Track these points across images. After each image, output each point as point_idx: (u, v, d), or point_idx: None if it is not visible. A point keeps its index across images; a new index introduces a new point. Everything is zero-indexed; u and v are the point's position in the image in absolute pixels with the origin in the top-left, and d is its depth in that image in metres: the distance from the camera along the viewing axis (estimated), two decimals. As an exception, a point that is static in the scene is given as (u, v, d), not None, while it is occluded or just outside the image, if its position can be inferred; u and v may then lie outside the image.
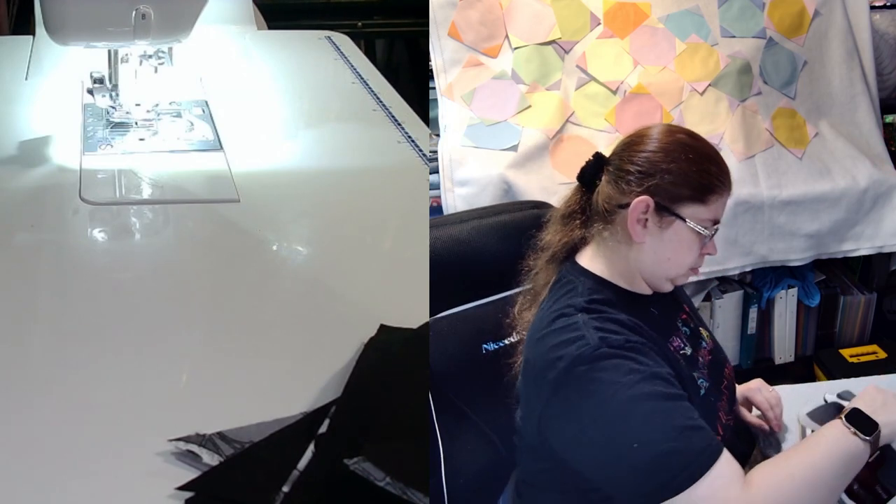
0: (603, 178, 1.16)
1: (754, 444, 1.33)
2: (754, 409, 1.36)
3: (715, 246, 1.16)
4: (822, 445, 1.01)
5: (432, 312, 1.31)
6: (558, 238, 1.19)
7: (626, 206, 1.12)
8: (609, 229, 1.15)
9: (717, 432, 1.12)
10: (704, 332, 1.25)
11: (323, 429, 0.89)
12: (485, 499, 1.31)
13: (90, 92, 1.48)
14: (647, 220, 1.12)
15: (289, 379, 0.99)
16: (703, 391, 1.14)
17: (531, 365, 1.12)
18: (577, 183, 1.20)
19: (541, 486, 1.18)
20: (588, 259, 1.17)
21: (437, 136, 2.08)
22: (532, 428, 1.12)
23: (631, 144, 1.16)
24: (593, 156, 1.19)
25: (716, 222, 1.14)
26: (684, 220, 1.11)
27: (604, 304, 1.11)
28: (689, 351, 1.17)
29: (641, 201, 1.11)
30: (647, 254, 1.14)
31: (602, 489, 1.07)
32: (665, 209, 1.11)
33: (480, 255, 1.36)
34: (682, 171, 1.12)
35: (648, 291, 1.17)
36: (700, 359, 1.18)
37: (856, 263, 2.27)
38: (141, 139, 1.46)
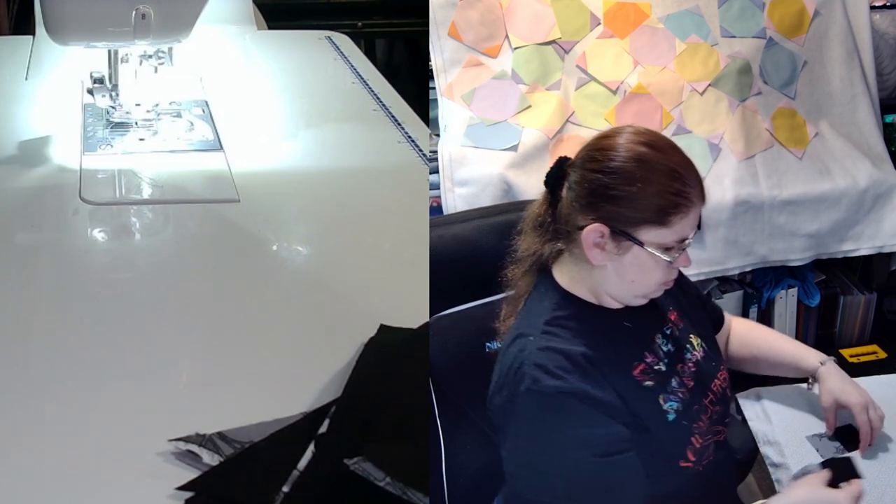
0: (564, 189, 1.11)
1: (754, 455, 1.32)
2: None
3: (688, 258, 1.10)
4: None
5: (434, 311, 1.31)
6: (532, 249, 1.16)
7: (584, 227, 1.07)
8: (569, 248, 1.12)
9: (685, 458, 1.11)
10: (695, 340, 1.21)
11: (323, 429, 0.89)
12: (485, 498, 1.31)
13: (90, 92, 1.48)
14: (605, 244, 1.07)
15: (289, 379, 0.99)
16: (672, 415, 1.11)
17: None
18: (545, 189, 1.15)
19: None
20: (558, 271, 1.15)
21: (437, 136, 2.08)
22: None
23: (589, 159, 1.09)
24: (556, 161, 1.13)
25: (683, 240, 1.07)
26: (642, 244, 1.05)
27: (568, 321, 1.09)
28: (662, 367, 1.13)
29: (594, 229, 1.06)
30: (609, 275, 1.10)
31: None
32: (622, 234, 1.06)
33: (483, 254, 1.35)
34: (639, 194, 1.04)
35: (619, 305, 1.14)
36: (677, 376, 1.14)
37: (856, 263, 2.27)
38: (141, 139, 1.46)
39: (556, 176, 1.12)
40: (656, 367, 1.13)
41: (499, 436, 1.12)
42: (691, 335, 1.21)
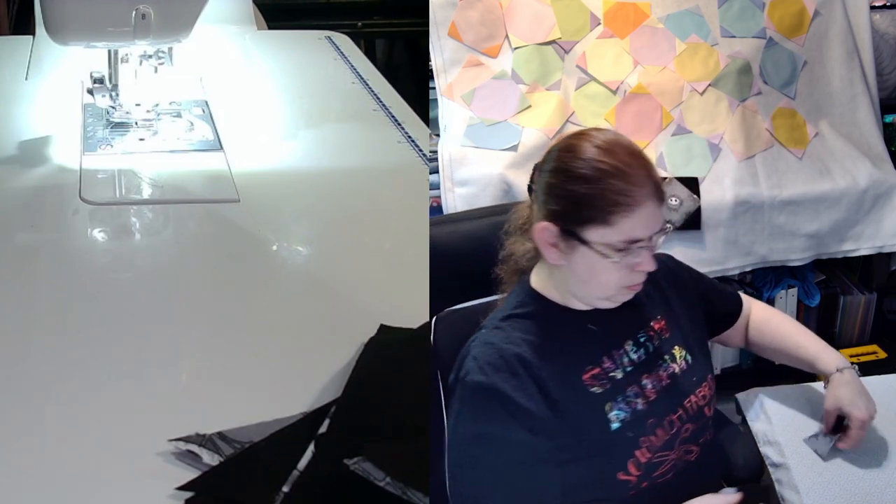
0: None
1: (760, 473, 1.26)
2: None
3: (651, 261, 1.07)
4: None
5: (445, 305, 1.31)
6: (518, 249, 1.19)
7: None
8: (536, 248, 1.13)
9: (625, 471, 1.08)
10: (678, 352, 1.19)
11: (323, 429, 0.89)
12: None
13: (90, 92, 1.48)
14: (558, 243, 1.08)
15: (289, 379, 0.99)
16: (616, 425, 1.09)
17: None
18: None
19: None
20: (534, 272, 1.17)
21: (437, 136, 2.08)
22: None
23: (546, 161, 1.12)
24: (534, 167, 1.16)
25: (634, 241, 1.05)
26: (588, 244, 1.05)
27: (523, 319, 1.11)
28: (619, 375, 1.12)
29: (543, 227, 1.08)
30: (567, 275, 1.11)
31: None
32: (569, 233, 1.06)
33: (495, 251, 1.36)
34: (581, 194, 1.05)
35: (586, 307, 1.14)
36: (636, 386, 1.12)
37: (856, 263, 2.27)
38: (141, 139, 1.46)
39: (532, 179, 1.16)
40: (611, 374, 1.11)
41: None
42: (676, 346, 1.19)
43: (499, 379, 1.05)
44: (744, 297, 1.40)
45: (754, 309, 1.39)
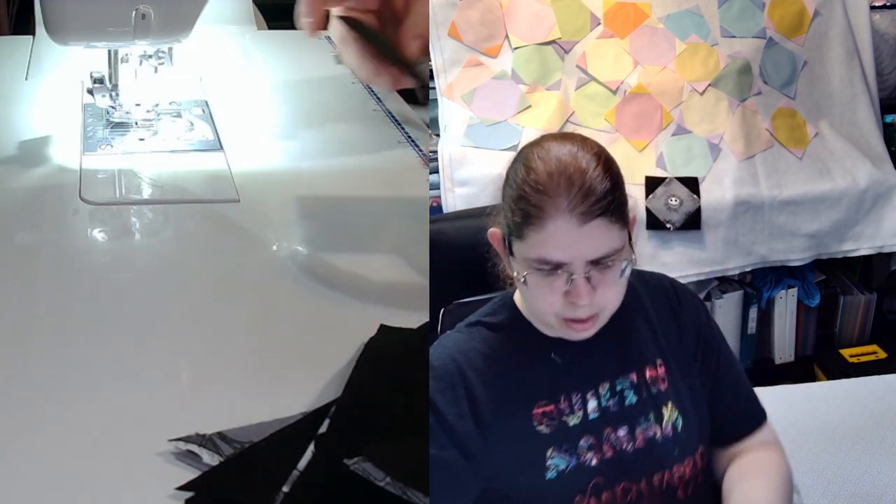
0: None
1: None
2: None
3: (584, 293, 0.92)
4: None
5: (453, 298, 1.31)
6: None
7: None
8: None
9: None
10: (669, 412, 1.02)
11: (323, 429, 0.89)
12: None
13: (90, 92, 1.48)
14: (505, 251, 1.02)
15: (289, 379, 0.98)
16: (551, 474, 0.97)
17: None
18: None
19: None
20: None
21: (437, 136, 2.08)
22: None
23: None
24: None
25: (548, 263, 0.93)
26: (513, 256, 0.98)
27: (488, 329, 1.04)
28: (574, 421, 0.99)
29: (492, 233, 1.02)
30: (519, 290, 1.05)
31: None
32: (505, 241, 1.00)
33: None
34: (505, 199, 0.98)
35: (551, 332, 1.03)
36: (593, 437, 0.99)
37: (856, 263, 2.27)
38: (141, 139, 1.46)
39: None
40: (564, 417, 0.99)
41: None
42: (668, 404, 1.03)
43: (435, 387, 0.99)
44: (769, 427, 1.13)
45: (754, 457, 1.09)
